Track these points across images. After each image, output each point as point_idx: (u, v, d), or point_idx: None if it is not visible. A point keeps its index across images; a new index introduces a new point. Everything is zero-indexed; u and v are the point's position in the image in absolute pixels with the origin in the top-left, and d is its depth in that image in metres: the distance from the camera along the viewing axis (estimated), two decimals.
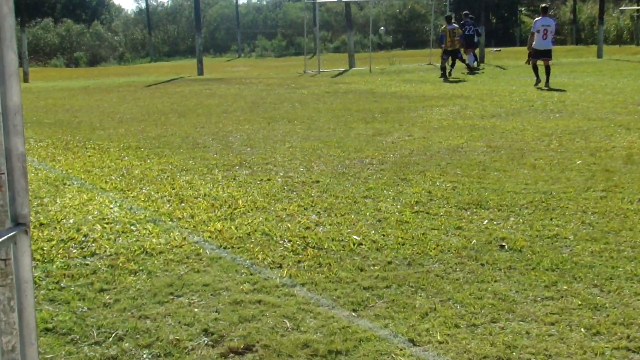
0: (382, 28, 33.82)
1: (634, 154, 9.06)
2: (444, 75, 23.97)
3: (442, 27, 27.14)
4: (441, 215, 6.46)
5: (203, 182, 8.11)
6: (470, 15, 29.41)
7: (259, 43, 60.63)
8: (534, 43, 20.08)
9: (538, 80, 19.65)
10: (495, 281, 4.80)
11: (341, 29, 58.39)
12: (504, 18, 69.67)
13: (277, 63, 43.18)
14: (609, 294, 4.53)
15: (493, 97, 16.80)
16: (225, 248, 5.67)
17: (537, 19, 20.37)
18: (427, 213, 6.57)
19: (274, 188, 7.75)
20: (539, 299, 4.49)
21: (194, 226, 6.33)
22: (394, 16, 65.52)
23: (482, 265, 5.11)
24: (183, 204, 7.14)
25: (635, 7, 57.63)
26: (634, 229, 5.87)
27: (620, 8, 58.52)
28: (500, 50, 50.90)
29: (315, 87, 21.50)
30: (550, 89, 18.30)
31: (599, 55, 35.18)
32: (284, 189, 7.72)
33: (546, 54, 20.07)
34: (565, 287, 4.65)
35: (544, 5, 21.49)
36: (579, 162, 8.70)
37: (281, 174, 8.50)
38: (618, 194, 7.09)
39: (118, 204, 7.19)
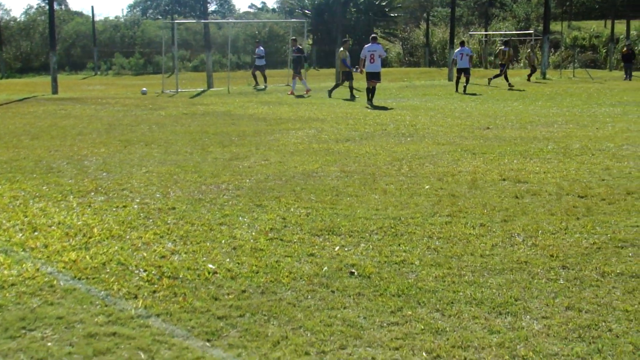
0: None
1: (478, 179, 9.54)
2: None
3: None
4: (295, 242, 6.65)
5: (57, 210, 8.02)
6: (299, 43, 30.58)
7: (116, 61, 59.62)
8: (365, 67, 23.34)
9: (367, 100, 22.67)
10: (345, 308, 5.00)
11: (200, 48, 58.19)
12: (361, 40, 70.90)
13: (134, 81, 42.62)
14: (450, 318, 4.81)
15: (348, 120, 17.24)
16: (79, 279, 5.65)
17: (365, 45, 23.23)
18: (281, 240, 6.74)
19: (130, 215, 7.75)
20: (385, 324, 4.72)
21: (48, 256, 6.27)
22: (253, 36, 65.80)
23: (333, 292, 5.32)
24: (36, 233, 7.05)
25: (483, 33, 60.12)
26: (475, 254, 6.23)
27: (470, 32, 60.90)
28: (357, 69, 52.00)
29: (173, 108, 21.43)
30: (374, 107, 20.66)
31: (450, 78, 36.53)
32: (140, 216, 7.74)
33: (375, 76, 23.08)
34: (410, 313, 4.90)
35: (373, 35, 25.51)
36: (427, 187, 9.10)
37: (137, 200, 8.50)
38: (462, 219, 7.47)
39: None
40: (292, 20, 58.19)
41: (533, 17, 68.20)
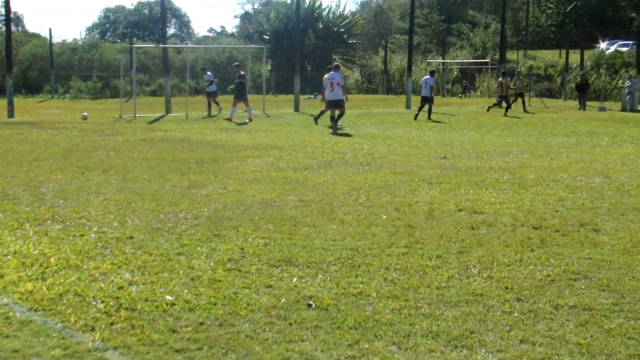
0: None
1: (435, 209, 9.65)
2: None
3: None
4: (253, 273, 6.67)
5: (13, 239, 7.95)
6: (241, 70, 30.61)
7: (74, 84, 59.33)
8: (326, 95, 24.09)
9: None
10: (303, 340, 5.03)
11: (158, 72, 58.15)
12: (319, 66, 71.29)
13: (92, 105, 42.40)
14: (406, 351, 4.86)
15: (306, 148, 17.33)
16: (36, 310, 5.61)
17: (325, 75, 23.58)
18: (239, 271, 6.76)
19: (87, 244, 7.71)
20: (342, 357, 4.76)
21: (4, 287, 6.21)
22: (212, 61, 65.90)
23: (291, 324, 5.35)
24: None
25: (441, 60, 60.78)
26: (431, 286, 6.30)
27: (428, 60, 61.57)
28: (316, 95, 52.34)
29: (131, 133, 21.36)
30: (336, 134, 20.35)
31: (408, 106, 36.91)
32: (98, 245, 7.70)
33: (335, 104, 23.79)
34: (367, 346, 4.95)
35: (335, 63, 26.00)
36: (384, 217, 9.18)
37: (95, 229, 8.46)
38: (419, 250, 7.55)
39: None
40: (251, 45, 58.37)
41: (489, 46, 69.20)
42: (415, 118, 28.61)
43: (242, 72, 30.04)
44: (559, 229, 8.51)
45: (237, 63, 33.55)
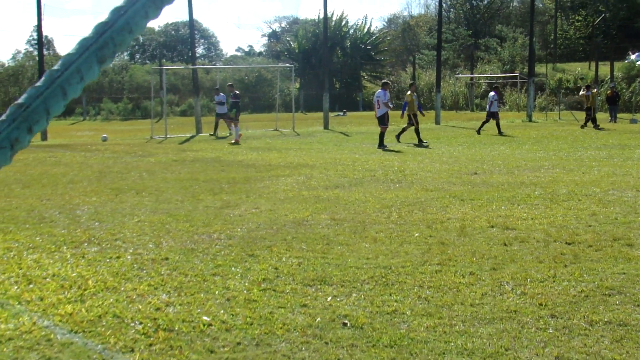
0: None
1: (467, 226, 9.67)
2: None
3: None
4: (287, 293, 6.74)
5: (51, 261, 8.09)
6: (235, 89, 30.54)
7: (105, 106, 60.00)
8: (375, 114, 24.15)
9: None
10: (339, 359, 5.09)
11: (188, 92, 58.59)
12: (347, 83, 71.61)
13: (123, 127, 42.83)
14: None
15: (337, 166, 17.40)
16: (76, 332, 5.72)
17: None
18: (274, 290, 6.83)
19: (123, 266, 7.83)
20: None
21: (44, 309, 6.34)
22: (241, 80, 66.31)
23: (326, 343, 5.41)
24: (31, 285, 7.12)
25: (469, 75, 60.74)
26: (465, 303, 6.34)
27: (456, 75, 61.56)
28: (345, 112, 52.54)
29: (163, 154, 21.57)
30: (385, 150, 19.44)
31: (437, 122, 36.88)
32: (134, 267, 7.82)
33: (379, 121, 23.86)
34: None
35: (384, 81, 25.43)
36: (416, 234, 9.22)
37: (130, 250, 8.59)
38: (452, 267, 7.59)
39: None
40: (280, 64, 58.66)
41: (518, 60, 69.01)
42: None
43: (237, 92, 29.97)
44: (592, 244, 8.50)
45: (230, 83, 33.74)
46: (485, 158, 19.08)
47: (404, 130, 26.22)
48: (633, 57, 62.34)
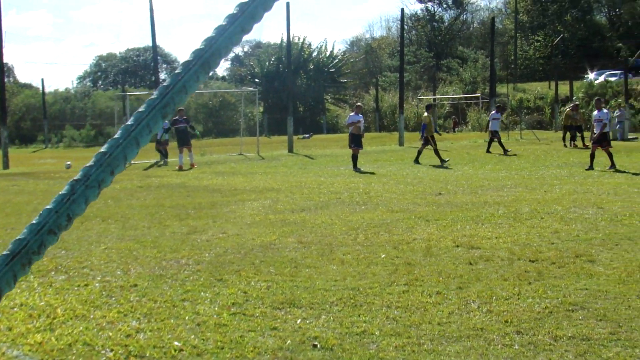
0: None
1: (432, 246, 9.80)
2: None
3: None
4: (257, 316, 6.79)
5: (19, 291, 8.05)
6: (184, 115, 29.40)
7: (67, 133, 59.66)
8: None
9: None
10: None
11: None
12: (311, 107, 71.80)
13: (86, 154, 42.53)
14: None
15: (303, 189, 17.49)
16: None
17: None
18: (244, 314, 6.88)
19: (92, 294, 7.83)
20: None
21: (12, 339, 6.32)
22: (205, 105, 66.32)
23: None
24: None
25: (432, 97, 61.29)
26: (433, 322, 6.44)
27: (419, 97, 62.08)
28: (311, 135, 52.75)
29: (128, 181, 21.50)
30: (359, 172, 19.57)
31: (401, 143, 37.15)
32: (103, 294, 7.82)
33: (354, 143, 24.09)
34: None
35: (357, 104, 26.53)
36: (383, 255, 9.32)
37: (98, 278, 8.58)
38: (419, 287, 7.69)
39: None
40: (243, 88, 58.78)
41: (479, 80, 69.74)
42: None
43: (186, 117, 28.89)
44: (555, 261, 8.67)
45: (181, 107, 33.38)
46: (448, 178, 19.29)
47: (419, 153, 26.11)
48: (591, 76, 63.38)
